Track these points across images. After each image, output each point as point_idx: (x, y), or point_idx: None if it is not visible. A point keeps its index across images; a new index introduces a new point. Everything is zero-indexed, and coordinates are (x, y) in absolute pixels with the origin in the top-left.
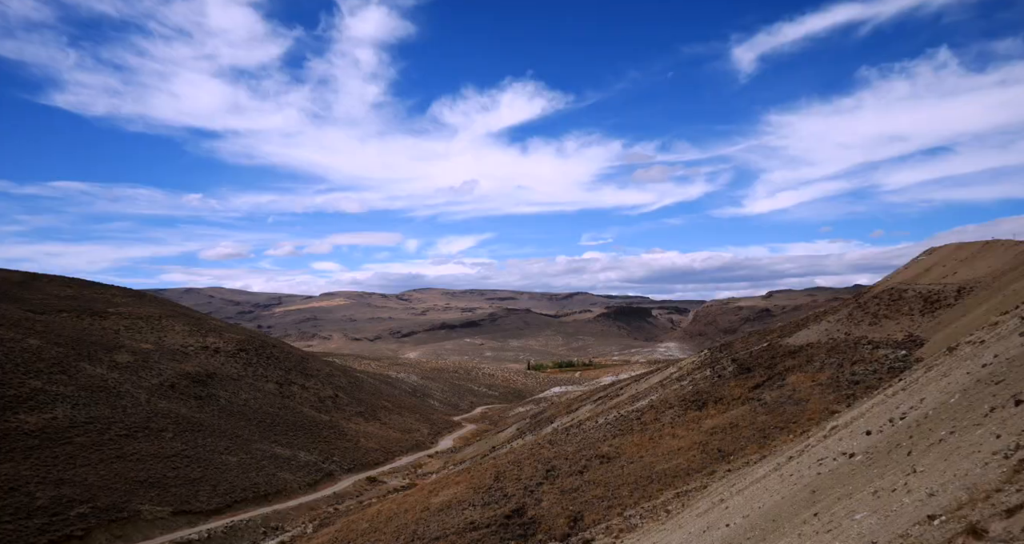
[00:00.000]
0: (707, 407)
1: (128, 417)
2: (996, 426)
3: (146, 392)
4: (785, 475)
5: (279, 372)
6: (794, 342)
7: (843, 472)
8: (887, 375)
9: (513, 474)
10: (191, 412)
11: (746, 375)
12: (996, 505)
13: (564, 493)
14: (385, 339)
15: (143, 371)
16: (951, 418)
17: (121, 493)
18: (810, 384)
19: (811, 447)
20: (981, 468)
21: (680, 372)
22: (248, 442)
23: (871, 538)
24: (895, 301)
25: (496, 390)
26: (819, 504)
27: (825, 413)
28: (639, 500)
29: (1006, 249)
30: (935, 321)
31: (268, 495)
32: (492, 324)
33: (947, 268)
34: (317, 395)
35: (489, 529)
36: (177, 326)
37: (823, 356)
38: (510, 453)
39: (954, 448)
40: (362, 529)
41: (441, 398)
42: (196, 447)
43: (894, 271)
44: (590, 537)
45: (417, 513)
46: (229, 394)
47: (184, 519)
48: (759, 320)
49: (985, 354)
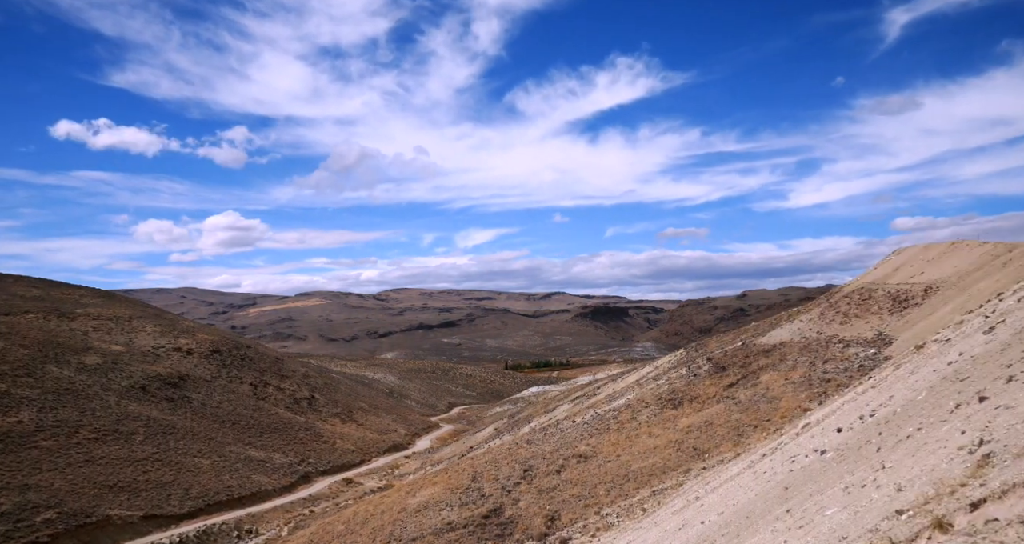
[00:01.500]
0: (683, 406)
1: (97, 420)
2: (961, 422)
3: (116, 395)
4: (759, 472)
5: (253, 373)
6: (768, 341)
7: (815, 469)
8: (857, 373)
9: (491, 474)
10: (162, 415)
11: (721, 374)
12: (961, 499)
13: (541, 492)
14: (362, 339)
15: (113, 373)
16: (919, 415)
17: (89, 498)
18: (783, 382)
19: (784, 444)
20: (947, 463)
21: (656, 371)
22: (221, 445)
23: (841, 533)
24: (865, 300)
25: (474, 390)
26: (792, 500)
27: (798, 411)
28: (616, 499)
29: (970, 249)
30: (903, 320)
31: (242, 498)
32: (470, 324)
33: (915, 268)
34: (292, 396)
35: (466, 529)
36: (148, 327)
37: (796, 355)
38: (488, 453)
39: (921, 444)
40: (338, 531)
41: (418, 398)
42: (168, 450)
43: (864, 271)
44: (567, 536)
45: (394, 514)
46: (202, 396)
47: (155, 523)
48: (734, 319)
49: (951, 352)
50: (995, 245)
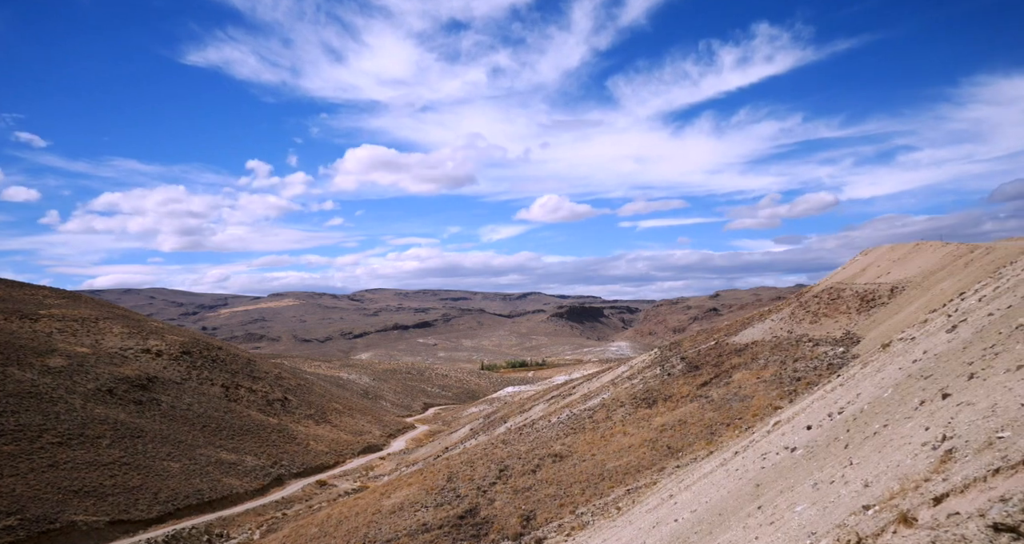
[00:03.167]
0: (657, 405)
1: (61, 424)
2: (925, 419)
3: (81, 398)
4: (731, 470)
5: (225, 375)
6: (740, 340)
7: (785, 466)
8: (826, 371)
9: (466, 474)
10: (130, 418)
11: (694, 373)
12: (925, 494)
13: (517, 492)
14: (336, 340)
15: (78, 376)
16: (885, 412)
17: (53, 503)
18: (755, 381)
19: (756, 442)
20: (912, 459)
21: (631, 371)
22: (192, 448)
23: (810, 529)
24: (834, 300)
25: (449, 391)
26: (763, 497)
27: (769, 409)
28: (591, 498)
29: (934, 250)
30: (871, 319)
31: (213, 502)
32: (445, 324)
33: (881, 268)
34: (265, 398)
35: (441, 530)
36: (115, 328)
37: (767, 354)
38: (463, 453)
39: (887, 440)
40: (311, 534)
41: (393, 399)
42: (136, 454)
43: (833, 271)
44: (543, 535)
45: (368, 516)
46: (171, 398)
47: (122, 528)
48: (707, 319)
49: (915, 350)
50: (957, 246)
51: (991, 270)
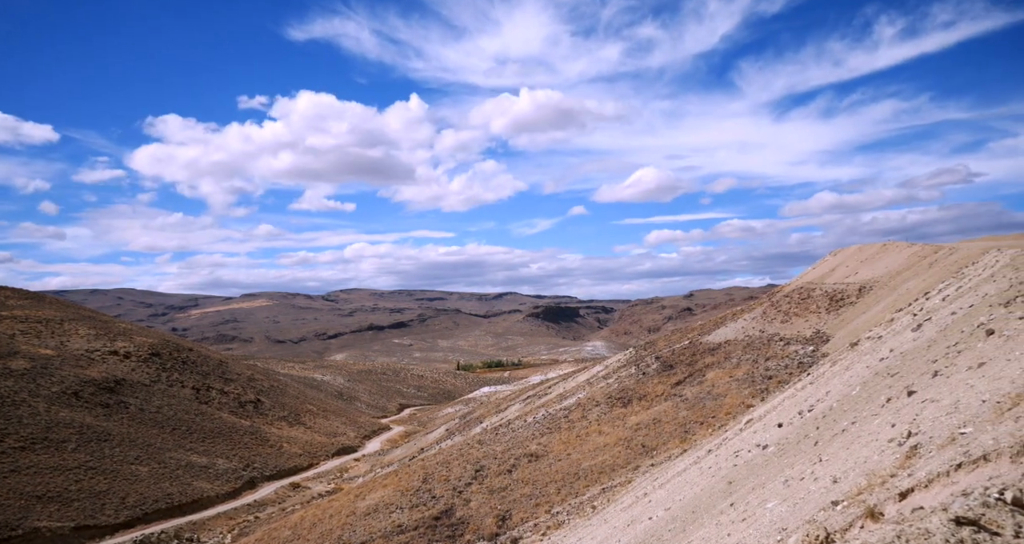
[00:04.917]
0: (632, 404)
1: (24, 428)
2: (891, 416)
3: (45, 401)
4: (704, 468)
5: (196, 377)
6: (713, 340)
7: (757, 463)
8: (797, 370)
9: (442, 475)
10: (97, 421)
11: (669, 372)
12: (891, 489)
13: (493, 492)
14: (310, 341)
15: (42, 378)
16: (853, 409)
17: (16, 509)
18: (728, 380)
19: (728, 440)
20: (878, 455)
21: (606, 370)
22: (161, 451)
23: (781, 525)
24: (804, 299)
25: (425, 391)
26: (735, 494)
27: (741, 407)
28: (566, 497)
29: (900, 250)
30: (839, 318)
31: (183, 506)
32: (421, 324)
33: (850, 268)
34: (238, 400)
35: (417, 532)
36: (81, 330)
37: (740, 353)
38: (439, 454)
39: (855, 437)
40: (284, 537)
41: (368, 400)
42: (103, 458)
43: (803, 270)
44: (518, 535)
45: (342, 518)
46: (140, 401)
47: (87, 534)
48: (681, 318)
49: (882, 348)
50: (922, 247)
51: (954, 270)
